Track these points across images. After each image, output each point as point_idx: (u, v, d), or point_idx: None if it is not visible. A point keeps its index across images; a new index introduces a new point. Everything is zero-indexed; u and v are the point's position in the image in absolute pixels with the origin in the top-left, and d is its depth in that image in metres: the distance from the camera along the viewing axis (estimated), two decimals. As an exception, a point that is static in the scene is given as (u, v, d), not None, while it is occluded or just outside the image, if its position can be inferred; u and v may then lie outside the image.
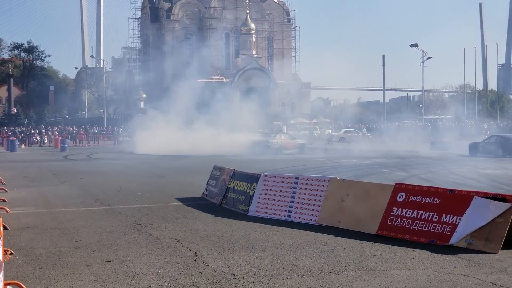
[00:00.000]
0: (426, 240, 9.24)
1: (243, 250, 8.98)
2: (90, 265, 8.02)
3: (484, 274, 7.43)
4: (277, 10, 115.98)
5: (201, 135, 44.56)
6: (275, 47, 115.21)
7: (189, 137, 45.39)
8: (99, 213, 12.95)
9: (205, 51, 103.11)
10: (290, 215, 11.79)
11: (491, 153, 39.43)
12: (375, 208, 10.37)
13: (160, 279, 7.31)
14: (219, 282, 7.15)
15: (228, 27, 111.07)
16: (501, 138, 41.38)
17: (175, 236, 10.09)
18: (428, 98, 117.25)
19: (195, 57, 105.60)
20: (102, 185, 19.29)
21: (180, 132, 47.75)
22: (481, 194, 9.17)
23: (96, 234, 10.38)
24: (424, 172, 24.57)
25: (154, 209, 13.54)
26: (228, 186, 14.07)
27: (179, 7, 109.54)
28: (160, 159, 35.93)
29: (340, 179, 11.66)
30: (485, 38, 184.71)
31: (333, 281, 7.19)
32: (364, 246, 9.26)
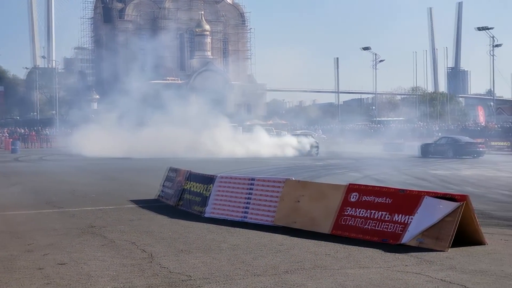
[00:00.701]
0: (379, 239, 9.43)
1: (199, 252, 9.00)
2: (43, 268, 7.91)
3: (434, 271, 7.63)
4: (231, 12, 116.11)
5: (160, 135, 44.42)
6: (230, 48, 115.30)
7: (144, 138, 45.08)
8: (52, 216, 12.77)
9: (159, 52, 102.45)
10: (246, 216, 11.85)
11: (441, 154, 40.50)
12: (329, 208, 10.52)
13: (115, 281, 7.27)
14: (174, 284, 7.15)
15: (182, 28, 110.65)
16: (451, 139, 42.56)
17: (130, 239, 10.03)
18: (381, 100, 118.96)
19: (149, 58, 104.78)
20: (54, 188, 19.02)
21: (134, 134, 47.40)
22: (431, 194, 9.41)
23: (49, 237, 10.24)
24: (377, 173, 24.99)
25: (108, 211, 13.42)
26: (184, 188, 14.05)
27: (132, 8, 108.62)
28: (113, 161, 35.62)
29: (295, 180, 11.79)
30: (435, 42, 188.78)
31: (288, 280, 7.28)
32: (318, 245, 9.38)
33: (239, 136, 48.18)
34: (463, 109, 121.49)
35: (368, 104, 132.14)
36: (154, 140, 43.71)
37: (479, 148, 40.98)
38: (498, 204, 14.31)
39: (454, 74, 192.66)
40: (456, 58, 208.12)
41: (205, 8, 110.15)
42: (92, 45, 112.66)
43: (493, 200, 15.24)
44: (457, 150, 40.39)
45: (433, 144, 43.43)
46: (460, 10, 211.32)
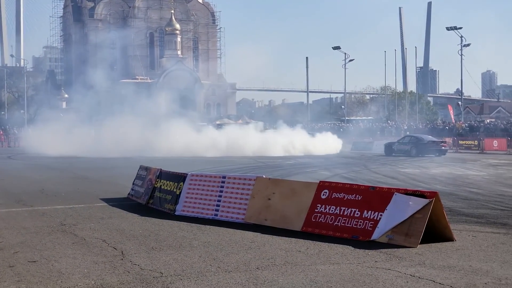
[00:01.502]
0: (349, 236, 9.54)
1: (170, 249, 9.01)
2: (14, 266, 7.86)
3: (404, 267, 7.75)
4: (202, 11, 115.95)
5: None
6: (200, 48, 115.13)
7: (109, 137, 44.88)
8: (22, 214, 12.65)
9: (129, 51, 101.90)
10: (217, 214, 11.88)
11: (405, 153, 41.44)
12: (300, 205, 10.60)
13: (87, 278, 7.26)
14: (146, 280, 7.16)
15: (152, 27, 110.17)
16: (414, 138, 43.50)
17: (101, 236, 10.00)
18: (350, 100, 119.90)
19: (119, 57, 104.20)
20: (24, 186, 18.83)
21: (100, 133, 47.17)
22: (401, 190, 9.55)
23: (19, 235, 10.15)
24: (347, 171, 25.21)
25: (78, 209, 13.34)
26: (155, 186, 14.03)
27: (102, 6, 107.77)
28: (81, 159, 35.35)
29: (266, 178, 11.85)
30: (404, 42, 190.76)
31: (260, 276, 7.33)
32: (289, 242, 9.45)
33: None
34: (432, 108, 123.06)
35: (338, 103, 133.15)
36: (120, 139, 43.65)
37: (442, 147, 41.76)
38: (466, 202, 14.56)
39: (423, 74, 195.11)
40: (425, 58, 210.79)
41: (176, 7, 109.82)
42: (61, 44, 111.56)
43: (462, 197, 15.49)
44: (420, 149, 41.19)
45: (396, 143, 44.27)
46: (429, 10, 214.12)
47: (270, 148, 43.09)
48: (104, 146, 42.83)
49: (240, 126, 52.60)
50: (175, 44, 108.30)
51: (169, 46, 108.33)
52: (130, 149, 41.09)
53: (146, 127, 46.57)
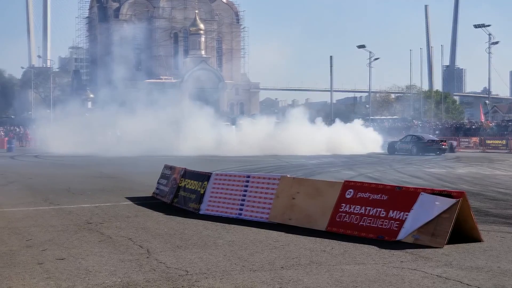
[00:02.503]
0: (374, 236, 9.49)
1: (195, 248, 9.05)
2: (43, 263, 7.97)
3: (430, 267, 7.69)
4: (226, 11, 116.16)
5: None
6: (224, 47, 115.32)
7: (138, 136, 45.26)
8: (50, 213, 12.81)
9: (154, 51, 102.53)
10: (241, 213, 11.90)
11: (406, 152, 42.52)
12: (324, 205, 10.58)
13: (114, 276, 7.33)
14: (172, 278, 7.21)
15: (177, 27, 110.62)
16: (415, 137, 44.88)
17: (127, 235, 10.08)
18: (375, 99, 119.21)
19: (143, 57, 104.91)
20: (51, 185, 19.05)
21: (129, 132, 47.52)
22: (428, 190, 9.48)
23: (47, 233, 10.29)
24: (371, 171, 25.09)
25: (104, 208, 13.47)
26: (179, 185, 14.09)
27: (127, 7, 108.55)
28: (106, 159, 35.66)
29: (290, 177, 11.84)
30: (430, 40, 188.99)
31: (285, 275, 7.34)
32: (314, 242, 9.44)
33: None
34: (458, 107, 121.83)
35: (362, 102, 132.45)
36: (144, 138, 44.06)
37: (442, 146, 42.83)
38: (494, 202, 14.39)
39: (449, 72, 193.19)
40: (452, 56, 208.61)
41: (200, 7, 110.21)
42: (87, 44, 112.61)
43: (490, 198, 15.32)
44: (420, 148, 42.33)
45: (399, 142, 45.32)
46: (457, 7, 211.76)
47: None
48: (129, 145, 43.23)
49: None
50: (199, 44, 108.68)
51: (193, 46, 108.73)
52: (155, 148, 41.43)
53: (170, 126, 46.87)
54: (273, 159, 35.36)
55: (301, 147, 42.47)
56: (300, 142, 43.24)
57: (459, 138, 56.05)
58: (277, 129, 47.66)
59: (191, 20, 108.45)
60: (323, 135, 46.57)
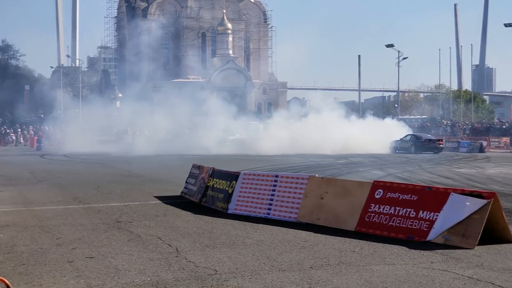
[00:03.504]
0: (404, 236, 9.40)
1: (224, 247, 9.06)
2: (73, 262, 8.04)
3: (461, 268, 7.59)
4: (253, 10, 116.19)
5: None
6: (251, 47, 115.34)
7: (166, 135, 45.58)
8: (79, 211, 12.93)
9: (181, 51, 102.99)
10: (270, 213, 11.88)
11: (406, 150, 44.65)
12: (353, 205, 10.51)
13: (143, 274, 7.36)
14: (201, 278, 7.22)
15: (204, 26, 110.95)
16: (413, 137, 46.62)
17: (156, 234, 10.13)
18: (404, 98, 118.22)
19: (171, 57, 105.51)
20: (80, 184, 19.24)
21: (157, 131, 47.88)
22: (458, 191, 9.36)
23: (77, 231, 10.38)
24: (400, 171, 24.88)
25: (133, 207, 13.56)
26: (208, 184, 14.12)
27: (155, 7, 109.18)
28: (135, 158, 35.92)
29: (319, 177, 11.79)
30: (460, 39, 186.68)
31: (314, 276, 7.30)
32: (343, 242, 9.38)
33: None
34: (487, 107, 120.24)
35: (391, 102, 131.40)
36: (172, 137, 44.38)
37: (439, 145, 45.27)
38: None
39: (479, 72, 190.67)
40: (481, 55, 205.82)
41: (228, 6, 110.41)
42: (115, 44, 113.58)
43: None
44: (418, 147, 44.38)
45: (399, 141, 46.85)
46: (486, 6, 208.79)
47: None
48: (157, 145, 43.55)
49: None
50: (226, 44, 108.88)
51: (220, 45, 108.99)
52: (181, 147, 41.69)
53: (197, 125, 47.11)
54: (301, 158, 35.28)
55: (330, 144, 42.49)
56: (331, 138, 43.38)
57: (489, 138, 55.37)
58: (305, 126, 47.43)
59: (219, 20, 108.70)
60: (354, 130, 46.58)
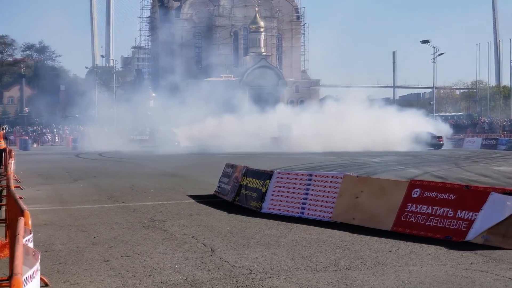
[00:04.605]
0: (442, 236, 9.23)
1: (258, 246, 9.01)
2: (109, 261, 8.08)
3: (502, 270, 7.41)
4: (286, 7, 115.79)
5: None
6: (284, 44, 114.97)
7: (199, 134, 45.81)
8: (114, 210, 13.03)
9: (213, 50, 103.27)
10: (304, 212, 11.80)
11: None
12: (389, 204, 10.36)
13: (178, 274, 7.36)
14: (236, 277, 7.19)
15: (237, 25, 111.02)
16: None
17: (190, 233, 10.14)
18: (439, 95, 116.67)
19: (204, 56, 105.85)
20: (115, 183, 19.40)
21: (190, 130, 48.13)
22: (499, 190, 9.14)
23: (113, 230, 10.46)
24: (436, 169, 24.52)
25: (167, 206, 13.61)
26: (241, 184, 14.09)
27: (188, 6, 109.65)
28: (170, 157, 36.10)
29: (354, 176, 11.66)
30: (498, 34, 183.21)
31: (350, 276, 7.21)
32: (379, 242, 9.26)
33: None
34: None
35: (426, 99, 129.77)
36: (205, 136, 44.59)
37: (439, 141, 48.24)
38: None
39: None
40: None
41: (260, 4, 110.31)
42: (149, 44, 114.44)
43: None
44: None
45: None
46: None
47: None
48: (191, 143, 43.77)
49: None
50: (259, 42, 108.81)
51: (253, 43, 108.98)
52: (215, 146, 41.78)
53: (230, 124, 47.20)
54: (334, 157, 35.04)
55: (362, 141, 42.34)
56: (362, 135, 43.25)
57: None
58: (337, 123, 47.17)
59: (251, 18, 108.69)
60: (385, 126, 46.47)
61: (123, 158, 36.40)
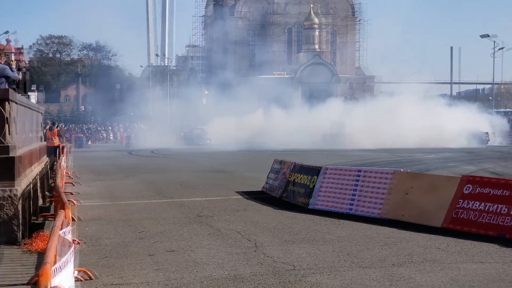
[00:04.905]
0: (495, 233, 8.91)
1: (303, 242, 8.89)
2: (153, 255, 8.10)
3: (556, 268, 7.10)
4: (341, 4, 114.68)
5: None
6: (338, 41, 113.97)
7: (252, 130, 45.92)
8: (162, 206, 13.11)
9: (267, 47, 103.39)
10: (352, 208, 11.60)
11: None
12: (440, 200, 10.08)
13: (221, 268, 7.31)
14: (279, 273, 7.09)
15: (291, 22, 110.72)
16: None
17: (236, 228, 10.09)
18: (499, 91, 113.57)
19: (257, 53, 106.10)
20: (164, 179, 19.56)
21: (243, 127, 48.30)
22: (553, 185, 8.77)
23: (159, 225, 10.51)
24: (493, 166, 23.83)
25: (215, 202, 13.61)
26: (289, 180, 13.96)
27: (242, 4, 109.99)
28: (220, 154, 36.25)
29: (404, 172, 11.39)
30: None
31: (396, 273, 7.01)
32: (428, 239, 9.01)
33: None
34: None
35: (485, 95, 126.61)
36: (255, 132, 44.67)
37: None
38: None
39: None
40: None
41: (315, 1, 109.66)
42: (203, 42, 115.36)
43: None
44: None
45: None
46: None
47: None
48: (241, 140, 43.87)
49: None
50: (313, 38, 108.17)
51: (307, 40, 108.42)
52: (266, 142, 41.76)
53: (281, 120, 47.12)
54: (387, 153, 34.51)
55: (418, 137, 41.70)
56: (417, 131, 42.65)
57: None
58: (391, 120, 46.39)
59: (306, 15, 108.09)
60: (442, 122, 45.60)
61: (174, 155, 36.76)
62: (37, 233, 8.89)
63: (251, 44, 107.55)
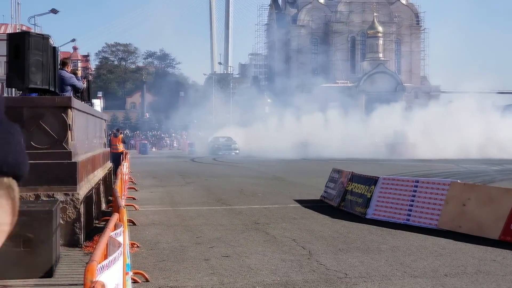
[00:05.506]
0: (553, 247, 8.79)
1: (357, 251, 8.99)
2: (209, 260, 8.37)
3: None
4: (405, 12, 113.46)
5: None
6: (402, 50, 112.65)
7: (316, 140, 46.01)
8: (221, 212, 13.42)
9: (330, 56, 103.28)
10: (409, 219, 11.60)
11: None
12: (498, 212, 9.99)
13: (274, 274, 7.51)
14: (330, 280, 7.23)
15: (354, 30, 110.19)
16: None
17: (291, 236, 10.27)
18: None
19: (320, 62, 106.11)
20: (224, 186, 19.89)
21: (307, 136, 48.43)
22: None
23: (216, 231, 10.79)
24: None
25: (272, 209, 13.82)
26: (346, 189, 14.05)
27: (305, 13, 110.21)
28: (282, 162, 36.44)
29: (461, 183, 11.34)
30: None
31: (447, 283, 7.05)
32: (484, 251, 8.96)
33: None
34: None
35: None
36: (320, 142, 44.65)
37: None
38: None
39: None
40: None
41: (379, 9, 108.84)
42: (265, 50, 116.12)
43: None
44: None
45: None
46: None
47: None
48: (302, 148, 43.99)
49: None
50: (376, 47, 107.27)
51: (370, 49, 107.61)
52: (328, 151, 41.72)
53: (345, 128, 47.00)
54: (451, 164, 33.93)
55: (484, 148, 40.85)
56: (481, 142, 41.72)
57: None
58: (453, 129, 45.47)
59: (369, 23, 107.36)
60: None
61: (236, 163, 37.16)
62: (99, 236, 9.29)
63: (314, 53, 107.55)
